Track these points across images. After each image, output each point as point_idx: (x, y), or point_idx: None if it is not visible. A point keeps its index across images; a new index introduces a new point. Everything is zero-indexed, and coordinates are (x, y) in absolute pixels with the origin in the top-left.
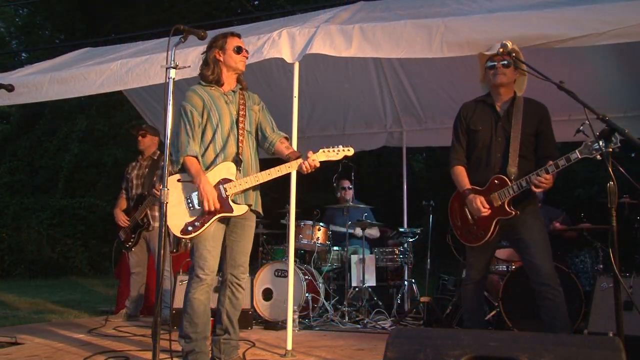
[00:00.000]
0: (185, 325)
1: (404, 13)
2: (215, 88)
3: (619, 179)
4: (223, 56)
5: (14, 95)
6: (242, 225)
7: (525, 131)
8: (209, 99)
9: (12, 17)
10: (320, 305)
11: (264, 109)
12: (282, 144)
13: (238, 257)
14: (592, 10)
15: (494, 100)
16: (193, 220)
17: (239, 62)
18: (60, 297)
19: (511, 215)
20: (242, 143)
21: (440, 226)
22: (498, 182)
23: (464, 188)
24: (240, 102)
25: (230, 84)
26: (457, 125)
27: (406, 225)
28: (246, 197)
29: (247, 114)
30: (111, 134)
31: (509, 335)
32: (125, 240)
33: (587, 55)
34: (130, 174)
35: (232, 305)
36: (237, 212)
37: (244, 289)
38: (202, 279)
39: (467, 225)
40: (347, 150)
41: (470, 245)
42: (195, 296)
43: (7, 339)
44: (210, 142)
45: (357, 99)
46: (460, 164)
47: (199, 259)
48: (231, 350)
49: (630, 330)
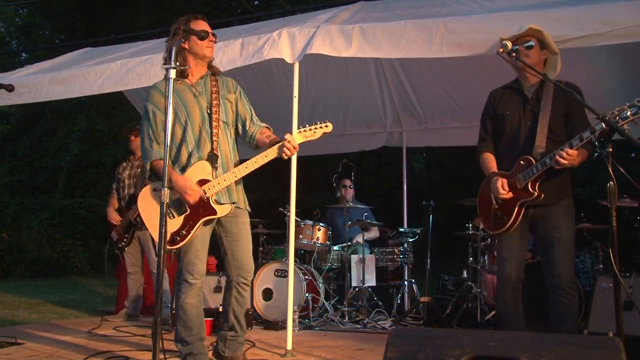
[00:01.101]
0: (179, 329)
1: (404, 13)
2: (181, 81)
3: (619, 179)
4: (188, 43)
5: (14, 95)
6: (235, 223)
7: (555, 112)
8: (175, 96)
9: (12, 17)
10: (320, 305)
11: (242, 96)
12: (262, 134)
13: (240, 256)
14: (592, 10)
15: (521, 84)
16: (178, 230)
17: (205, 49)
18: (60, 297)
19: (534, 196)
20: (217, 136)
21: (440, 226)
22: (524, 163)
23: (489, 172)
24: (213, 90)
25: (199, 72)
26: (484, 114)
27: (406, 225)
28: (229, 195)
29: (221, 102)
30: (111, 134)
31: (509, 335)
32: (118, 240)
33: (587, 55)
34: (121, 174)
35: (239, 304)
36: (221, 213)
37: (249, 285)
38: (192, 283)
39: (492, 213)
40: (325, 127)
41: (498, 236)
42: (187, 301)
43: (7, 339)
44: (181, 141)
45: (357, 99)
46: (488, 150)
47: (188, 264)
48: (237, 346)
49: (630, 330)
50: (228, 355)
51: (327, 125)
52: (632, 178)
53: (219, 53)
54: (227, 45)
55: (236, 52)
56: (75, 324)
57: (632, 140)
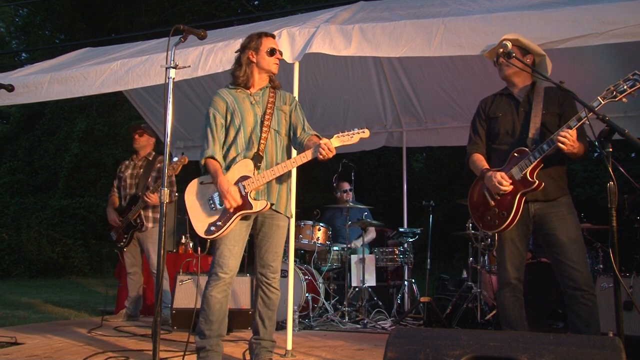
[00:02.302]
0: (201, 321)
1: (404, 13)
2: (241, 90)
3: (619, 179)
4: (256, 57)
5: (14, 95)
6: (270, 225)
7: (547, 111)
8: (233, 102)
9: (12, 17)
10: (320, 305)
11: (297, 108)
12: (309, 141)
13: (266, 256)
14: (591, 10)
15: (511, 91)
16: (215, 220)
17: (272, 65)
18: (60, 297)
19: (534, 185)
20: (265, 140)
21: (440, 226)
22: (518, 155)
23: (481, 169)
24: (270, 100)
25: (261, 84)
26: (475, 118)
27: (406, 225)
28: (269, 195)
29: (275, 112)
30: (111, 134)
31: (509, 335)
32: (117, 240)
33: (587, 55)
34: (123, 172)
35: (265, 305)
36: (257, 208)
37: (277, 289)
38: (221, 277)
39: (488, 210)
40: (362, 132)
41: (498, 235)
42: (212, 294)
43: (7, 339)
44: (232, 143)
45: (357, 99)
46: (478, 151)
47: (219, 257)
48: (261, 351)
49: (630, 330)
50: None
51: (364, 131)
52: (632, 178)
53: (219, 53)
54: (228, 45)
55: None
56: (75, 324)
57: (632, 140)
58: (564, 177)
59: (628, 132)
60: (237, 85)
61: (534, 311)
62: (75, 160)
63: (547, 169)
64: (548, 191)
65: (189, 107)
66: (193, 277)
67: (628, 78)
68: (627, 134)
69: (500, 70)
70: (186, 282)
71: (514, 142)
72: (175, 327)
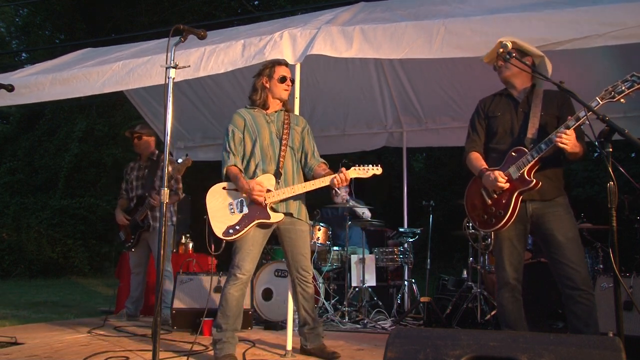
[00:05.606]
0: (219, 315)
1: (404, 14)
2: (258, 110)
3: (619, 179)
4: (269, 83)
5: (15, 95)
6: (294, 230)
7: (546, 112)
8: (251, 119)
9: (12, 17)
10: (320, 305)
11: (309, 133)
12: (319, 167)
13: (298, 258)
14: (591, 11)
15: (510, 92)
16: (234, 224)
17: (282, 92)
18: (60, 297)
19: (532, 184)
20: (284, 158)
21: (440, 226)
22: (516, 154)
23: (479, 169)
24: (285, 121)
25: (275, 108)
26: (474, 116)
27: (406, 225)
28: (287, 206)
29: (291, 131)
30: (111, 134)
31: (509, 335)
32: (125, 240)
33: (587, 55)
34: (129, 174)
35: (305, 299)
36: (274, 219)
37: (311, 283)
38: (239, 277)
39: (485, 209)
40: (376, 169)
41: (496, 235)
42: (230, 291)
43: (7, 339)
44: (250, 155)
45: (357, 99)
46: (476, 150)
47: (238, 260)
48: (315, 337)
49: (630, 330)
50: (311, 348)
51: (378, 169)
52: (632, 178)
53: (221, 54)
54: (229, 46)
55: (238, 53)
56: (75, 324)
57: (632, 140)
58: (560, 178)
59: (628, 132)
60: (254, 106)
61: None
62: (75, 160)
63: (544, 169)
64: (545, 191)
65: (189, 107)
66: (194, 277)
67: (626, 79)
68: (627, 134)
69: (500, 73)
70: (187, 282)
71: (512, 141)
72: (175, 327)
